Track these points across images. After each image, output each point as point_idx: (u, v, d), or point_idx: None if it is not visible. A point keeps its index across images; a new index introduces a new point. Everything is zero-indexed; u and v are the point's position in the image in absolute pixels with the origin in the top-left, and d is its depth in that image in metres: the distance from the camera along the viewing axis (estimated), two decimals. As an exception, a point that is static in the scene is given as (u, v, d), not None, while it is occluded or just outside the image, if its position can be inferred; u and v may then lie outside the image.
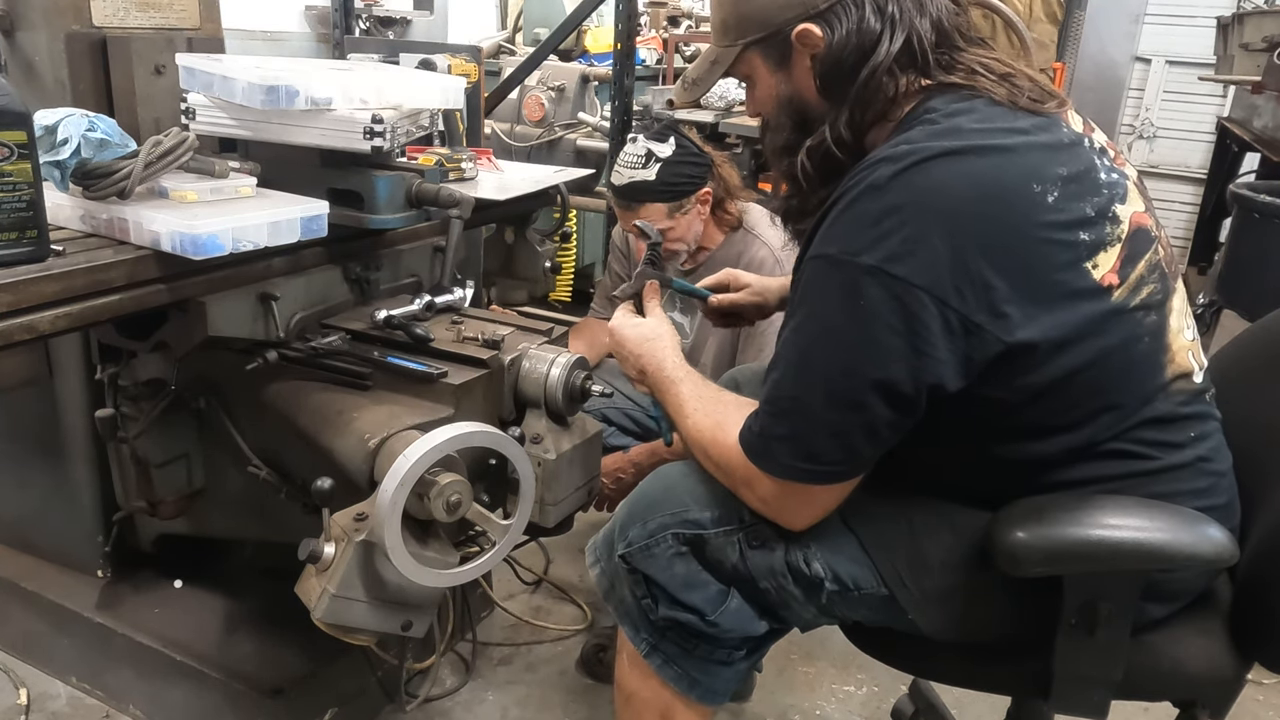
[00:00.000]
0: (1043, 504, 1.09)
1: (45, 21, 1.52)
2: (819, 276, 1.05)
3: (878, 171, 1.02)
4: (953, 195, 1.00)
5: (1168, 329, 1.10)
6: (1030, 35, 3.05)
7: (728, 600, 1.20)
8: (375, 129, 1.43)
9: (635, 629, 1.25)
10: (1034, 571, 1.06)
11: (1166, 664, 1.16)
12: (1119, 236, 1.06)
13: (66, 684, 1.91)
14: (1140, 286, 1.07)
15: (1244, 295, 3.38)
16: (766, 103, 1.21)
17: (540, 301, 2.12)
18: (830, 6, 1.09)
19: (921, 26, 1.09)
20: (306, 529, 1.31)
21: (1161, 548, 1.06)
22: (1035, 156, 1.04)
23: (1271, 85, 3.57)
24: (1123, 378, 1.06)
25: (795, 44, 1.12)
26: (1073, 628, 1.10)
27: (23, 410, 1.81)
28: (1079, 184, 1.06)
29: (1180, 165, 6.16)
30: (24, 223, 1.15)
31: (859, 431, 1.05)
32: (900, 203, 1.00)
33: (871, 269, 0.99)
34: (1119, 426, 1.07)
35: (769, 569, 1.17)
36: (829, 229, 1.05)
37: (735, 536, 1.18)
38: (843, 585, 1.17)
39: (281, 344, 1.45)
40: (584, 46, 4.19)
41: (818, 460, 1.07)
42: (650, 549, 1.20)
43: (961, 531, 1.14)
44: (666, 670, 1.24)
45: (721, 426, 1.17)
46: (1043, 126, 1.08)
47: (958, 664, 1.24)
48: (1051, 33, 4.11)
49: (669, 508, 1.21)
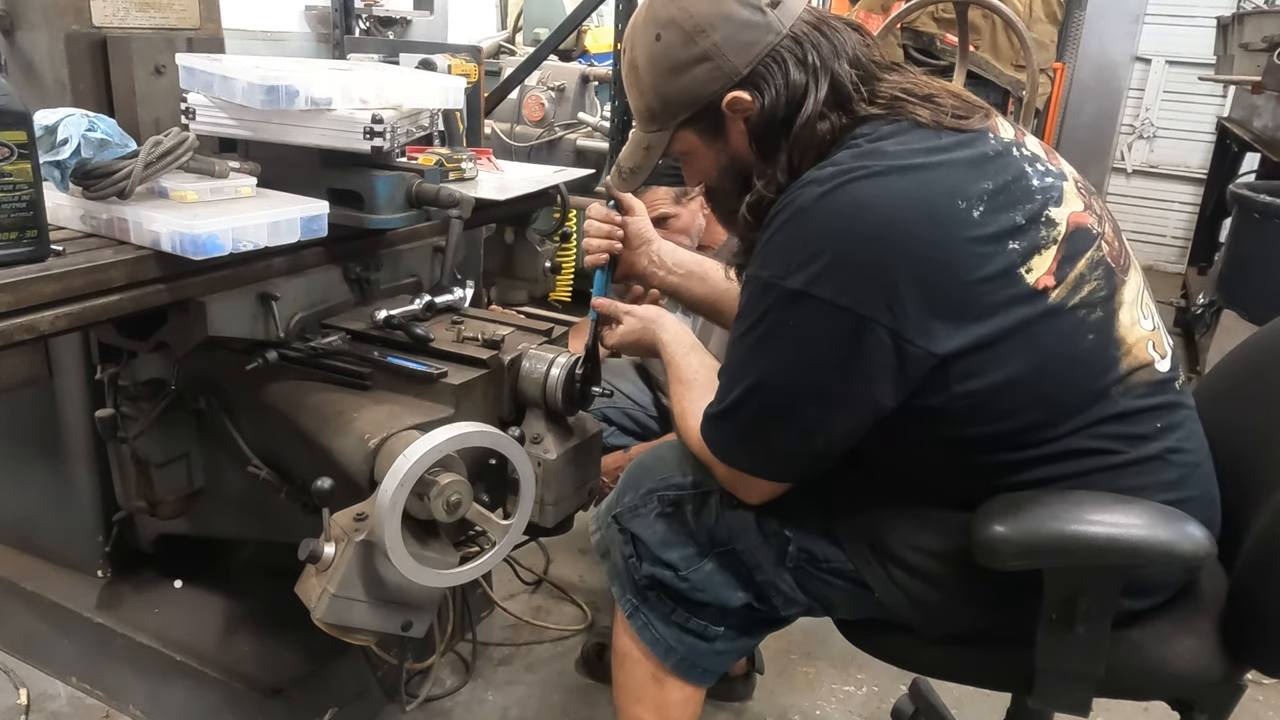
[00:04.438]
0: (1021, 499, 1.10)
1: (45, 21, 1.52)
2: (753, 296, 1.10)
3: (804, 194, 1.06)
4: (876, 214, 1.02)
5: (1116, 323, 1.11)
6: (1030, 35, 3.05)
7: (703, 562, 1.26)
8: (375, 129, 1.43)
9: (622, 589, 1.33)
10: (1011, 565, 1.07)
11: (1153, 663, 1.17)
12: (1055, 239, 1.08)
13: (66, 684, 1.91)
14: (1080, 285, 1.09)
15: (1244, 295, 3.38)
16: (707, 173, 1.25)
17: (540, 301, 2.12)
18: (753, 71, 1.12)
19: (841, 69, 1.12)
20: (306, 529, 1.31)
21: (1138, 543, 1.07)
22: (958, 174, 1.07)
23: (1271, 85, 3.57)
24: (1067, 376, 1.08)
25: (726, 112, 1.15)
26: (1053, 623, 1.11)
27: (23, 410, 1.81)
28: (1006, 194, 1.07)
29: (1180, 165, 6.16)
30: (24, 223, 1.15)
31: (799, 442, 1.11)
32: (824, 226, 1.04)
33: (796, 293, 1.04)
34: (1074, 424, 1.08)
35: (743, 528, 1.24)
36: (762, 249, 1.10)
37: (711, 498, 1.26)
38: (810, 554, 1.21)
39: (281, 344, 1.45)
40: (584, 46, 4.19)
41: (758, 462, 1.16)
42: (638, 509, 1.29)
43: (928, 516, 1.17)
44: (645, 633, 1.31)
45: (695, 410, 1.24)
46: (966, 143, 1.10)
47: (949, 659, 1.26)
48: (1051, 33, 4.11)
49: (659, 473, 1.30)
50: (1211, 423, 1.22)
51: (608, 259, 1.49)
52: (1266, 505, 1.15)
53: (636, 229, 1.52)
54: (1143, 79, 6.11)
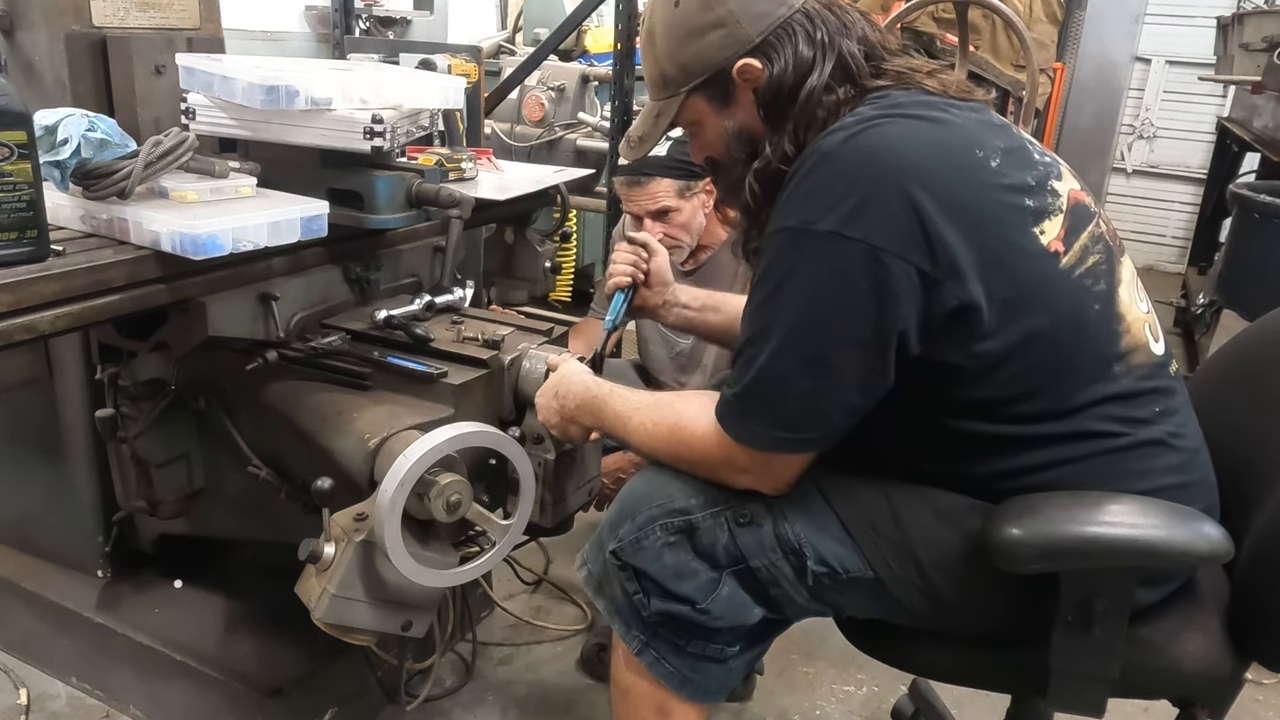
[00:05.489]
0: (1037, 501, 1.09)
1: (45, 21, 1.52)
2: (781, 249, 1.09)
3: (829, 140, 1.08)
4: (903, 153, 1.05)
5: (1118, 299, 1.14)
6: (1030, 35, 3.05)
7: (719, 588, 1.20)
8: (375, 129, 1.43)
9: (627, 626, 1.25)
10: (1030, 568, 1.06)
11: (1164, 662, 1.17)
12: (1060, 208, 1.12)
13: (66, 684, 1.91)
14: (1085, 256, 1.12)
15: (1244, 295, 3.38)
16: (716, 143, 1.26)
17: (540, 301, 2.12)
18: (765, 40, 1.15)
19: (848, 45, 1.16)
20: (306, 529, 1.32)
21: (1157, 544, 1.07)
22: (973, 128, 1.12)
23: (1271, 85, 3.57)
24: (1077, 342, 1.09)
25: (737, 79, 1.18)
26: (1069, 624, 1.10)
27: (23, 410, 1.81)
28: (1016, 156, 1.12)
29: (1180, 165, 6.16)
30: (24, 223, 1.15)
31: (830, 396, 1.09)
32: (852, 166, 1.05)
33: (829, 234, 1.04)
34: (1080, 401, 1.09)
35: (759, 545, 1.19)
36: (786, 203, 1.10)
37: (723, 517, 1.19)
38: (830, 568, 1.18)
39: (281, 344, 1.45)
40: (584, 46, 4.19)
41: (792, 429, 1.11)
42: (640, 542, 1.21)
43: (944, 514, 1.15)
44: (658, 668, 1.24)
45: (679, 424, 1.21)
46: (974, 110, 1.16)
47: (953, 661, 1.25)
48: (1051, 33, 4.11)
49: (656, 500, 1.22)
50: (1205, 419, 1.22)
51: (629, 282, 1.56)
52: (1268, 501, 1.15)
53: (658, 268, 1.59)
54: (1143, 79, 6.11)
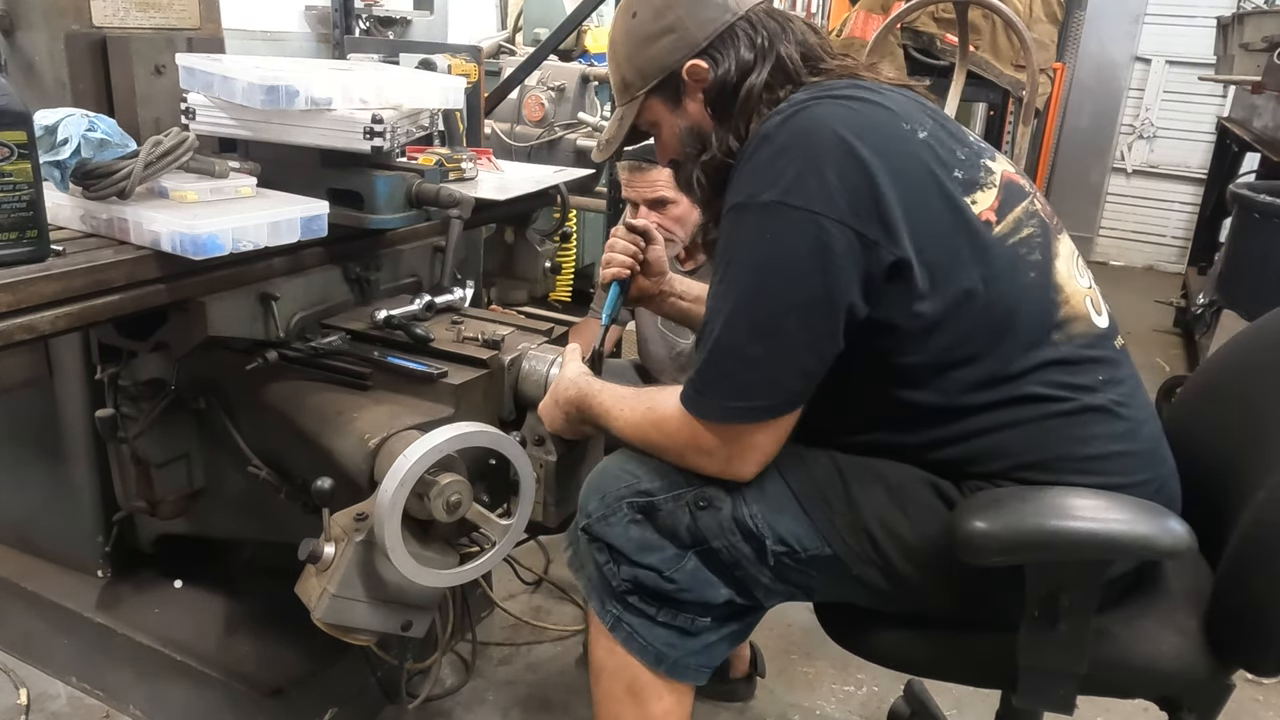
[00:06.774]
0: (1001, 495, 1.11)
1: (45, 21, 1.52)
2: (729, 226, 1.17)
3: (767, 124, 1.17)
4: (835, 128, 1.12)
5: (1055, 270, 1.18)
6: (1030, 35, 3.05)
7: (684, 561, 1.25)
8: (375, 129, 1.43)
9: (601, 602, 1.29)
10: (994, 561, 1.07)
11: (1139, 661, 1.17)
12: (993, 183, 1.18)
13: (66, 684, 1.91)
14: (1019, 228, 1.17)
15: (1244, 295, 3.39)
16: (673, 142, 1.33)
17: (540, 301, 2.12)
18: (711, 43, 1.25)
19: (787, 49, 1.25)
20: (306, 529, 1.32)
21: (1119, 537, 1.08)
22: (902, 105, 1.19)
23: (1271, 85, 3.57)
24: (1014, 307, 1.14)
25: (687, 80, 1.27)
26: (1036, 620, 1.11)
27: (23, 410, 1.81)
28: (946, 131, 1.19)
29: (1180, 165, 6.16)
30: (24, 223, 1.15)
31: (782, 360, 1.13)
32: (790, 142, 1.13)
33: (771, 204, 1.11)
34: (1022, 365, 1.13)
35: (718, 527, 1.23)
36: (733, 186, 1.17)
37: (684, 500, 1.24)
38: (789, 547, 1.21)
39: (281, 344, 1.46)
40: (584, 46, 4.19)
41: (749, 397, 1.15)
42: (608, 518, 1.26)
43: (895, 490, 1.19)
44: (632, 643, 1.27)
45: (653, 408, 1.25)
46: (905, 93, 1.23)
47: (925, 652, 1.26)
48: (1051, 33, 4.11)
49: (623, 480, 1.27)
50: (1198, 422, 1.23)
51: (627, 274, 1.56)
52: (1250, 504, 1.15)
53: (656, 257, 1.60)
54: (1143, 79, 6.11)
